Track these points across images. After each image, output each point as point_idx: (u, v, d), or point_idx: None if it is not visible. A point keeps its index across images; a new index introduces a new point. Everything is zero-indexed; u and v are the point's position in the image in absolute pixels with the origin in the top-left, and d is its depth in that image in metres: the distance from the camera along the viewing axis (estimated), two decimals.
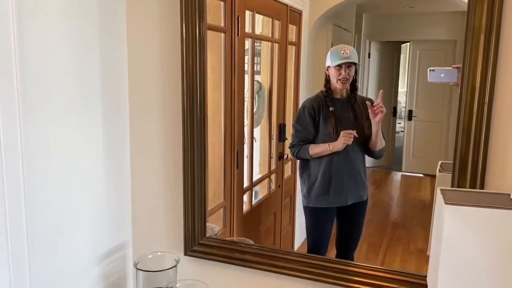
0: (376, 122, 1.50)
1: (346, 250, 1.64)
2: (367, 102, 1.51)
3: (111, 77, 1.43)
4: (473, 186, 1.06)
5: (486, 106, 1.01)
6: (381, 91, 1.52)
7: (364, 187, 1.62)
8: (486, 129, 1.03)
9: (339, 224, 1.65)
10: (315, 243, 1.69)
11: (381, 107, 1.49)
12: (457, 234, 0.90)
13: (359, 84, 1.61)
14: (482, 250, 0.89)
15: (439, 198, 0.96)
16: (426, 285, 1.14)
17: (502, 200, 0.92)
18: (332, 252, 1.61)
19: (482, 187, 1.06)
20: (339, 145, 1.53)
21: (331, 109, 1.57)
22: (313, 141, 1.59)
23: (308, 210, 1.69)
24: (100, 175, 1.42)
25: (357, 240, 1.61)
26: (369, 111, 1.50)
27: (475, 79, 1.02)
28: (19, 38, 1.09)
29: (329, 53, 1.62)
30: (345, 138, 1.52)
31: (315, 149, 1.58)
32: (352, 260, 1.53)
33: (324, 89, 1.59)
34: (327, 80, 1.58)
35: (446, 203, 0.92)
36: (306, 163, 1.64)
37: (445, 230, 0.91)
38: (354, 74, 1.57)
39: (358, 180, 1.61)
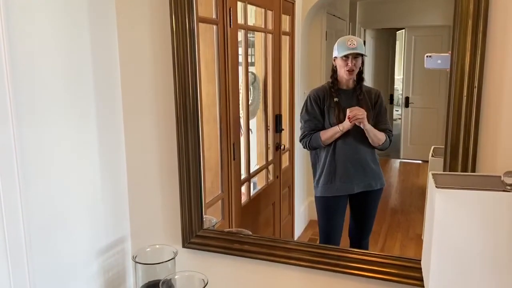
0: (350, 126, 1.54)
1: (357, 239, 1.66)
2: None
3: (103, 73, 1.43)
4: (464, 169, 1.07)
5: (475, 90, 1.01)
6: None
7: (374, 176, 1.62)
8: (476, 113, 1.03)
9: (351, 213, 1.66)
10: (327, 234, 1.71)
11: (355, 117, 1.52)
12: (449, 217, 0.91)
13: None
14: (474, 232, 0.90)
15: (430, 182, 0.96)
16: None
17: (493, 182, 0.92)
18: (346, 243, 1.62)
19: (473, 170, 1.06)
20: (348, 123, 1.54)
21: (335, 99, 1.58)
22: (322, 129, 1.60)
23: (317, 200, 1.70)
24: (96, 170, 1.43)
25: (368, 229, 1.63)
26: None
27: (464, 64, 1.02)
28: (8, 40, 1.09)
29: (336, 44, 1.62)
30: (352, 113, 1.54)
31: (326, 134, 1.59)
32: (366, 249, 1.55)
33: (330, 80, 1.60)
34: (334, 71, 1.60)
35: (437, 187, 0.92)
36: (315, 154, 1.66)
37: (437, 213, 0.91)
38: (360, 65, 1.58)
39: (366, 169, 1.61)
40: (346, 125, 1.54)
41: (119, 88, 1.49)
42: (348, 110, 1.54)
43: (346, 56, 1.57)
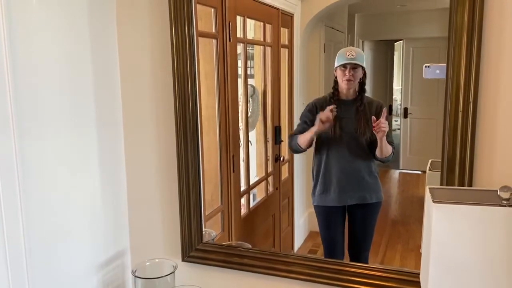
0: (379, 138, 1.50)
1: (356, 253, 1.64)
2: (373, 117, 1.51)
3: (104, 87, 1.45)
4: (461, 183, 1.07)
5: (471, 105, 1.02)
6: (384, 109, 1.51)
7: (369, 189, 1.62)
8: (472, 127, 1.04)
9: (348, 225, 1.66)
10: (328, 243, 1.70)
11: (382, 126, 1.48)
12: (446, 231, 0.92)
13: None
14: (471, 246, 0.91)
15: (427, 197, 0.97)
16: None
17: (489, 197, 0.93)
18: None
19: (470, 184, 1.07)
20: (316, 126, 1.56)
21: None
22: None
23: (315, 208, 1.71)
24: (96, 184, 1.44)
25: (366, 243, 1.62)
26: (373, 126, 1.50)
27: (459, 78, 1.03)
28: (11, 56, 1.11)
29: (337, 54, 1.63)
30: (321, 117, 1.55)
31: (302, 137, 1.61)
32: (366, 263, 1.54)
33: (332, 90, 1.61)
34: (335, 81, 1.61)
35: (434, 201, 0.93)
36: (314, 162, 1.67)
37: (434, 228, 0.92)
38: (362, 76, 1.58)
39: (361, 182, 1.61)
40: (314, 127, 1.57)
41: (119, 102, 1.51)
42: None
43: (344, 66, 1.57)
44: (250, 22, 1.87)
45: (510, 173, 1.03)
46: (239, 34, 1.77)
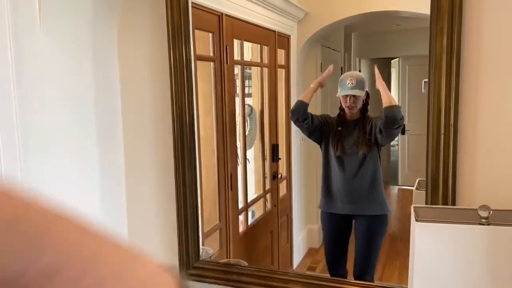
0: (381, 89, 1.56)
1: (358, 271, 1.65)
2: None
3: (105, 110, 1.50)
4: (445, 202, 1.11)
5: (452, 128, 1.07)
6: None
7: (373, 202, 1.66)
8: (454, 149, 1.07)
9: (355, 240, 1.68)
10: (329, 258, 1.73)
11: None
12: (428, 249, 0.95)
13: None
14: (452, 263, 0.94)
15: (412, 215, 1.01)
16: None
17: (470, 215, 0.96)
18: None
19: (454, 203, 1.11)
20: (318, 80, 1.74)
21: (339, 128, 1.67)
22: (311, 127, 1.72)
23: (321, 214, 1.78)
24: (95, 202, 1.48)
25: (367, 260, 1.64)
26: None
27: (440, 102, 1.07)
28: (17, 76, 1.17)
29: (339, 80, 1.71)
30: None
31: (305, 92, 1.74)
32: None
33: (338, 111, 1.70)
34: (340, 103, 1.69)
35: (417, 220, 0.97)
36: (321, 178, 1.73)
37: (417, 245, 0.96)
38: (365, 97, 1.66)
39: (363, 195, 1.67)
40: (316, 82, 1.70)
41: (119, 120, 1.55)
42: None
43: (346, 95, 1.65)
44: (247, 44, 1.93)
45: (491, 192, 1.06)
46: (237, 56, 1.82)
